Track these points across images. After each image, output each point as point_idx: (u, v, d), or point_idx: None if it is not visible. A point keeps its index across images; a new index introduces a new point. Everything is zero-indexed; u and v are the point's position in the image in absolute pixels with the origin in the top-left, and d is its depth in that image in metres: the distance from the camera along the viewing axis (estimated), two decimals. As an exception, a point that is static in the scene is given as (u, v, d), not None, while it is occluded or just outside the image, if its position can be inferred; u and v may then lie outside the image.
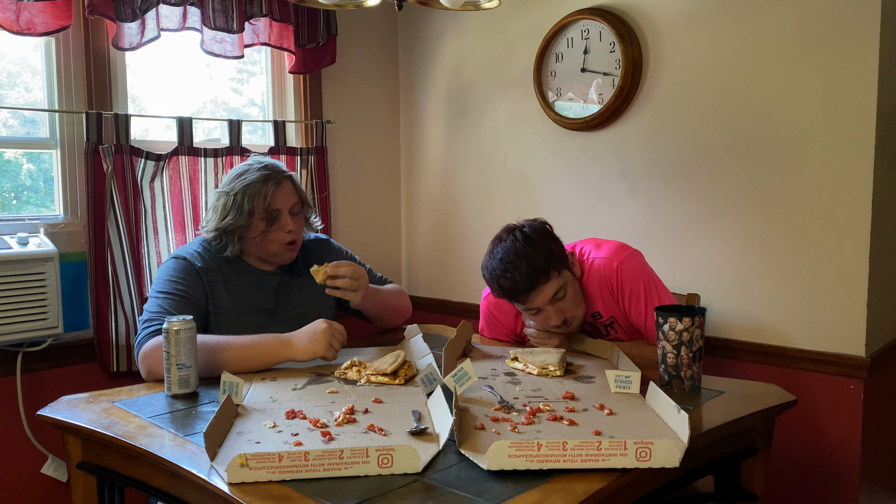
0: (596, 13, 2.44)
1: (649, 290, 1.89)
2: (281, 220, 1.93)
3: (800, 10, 2.09)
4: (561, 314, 1.85)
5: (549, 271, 1.81)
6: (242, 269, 1.98)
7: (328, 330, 1.76)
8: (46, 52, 2.23)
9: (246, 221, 1.90)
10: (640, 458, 1.17)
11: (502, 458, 1.16)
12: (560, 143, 2.64)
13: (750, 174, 2.21)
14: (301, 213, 2.01)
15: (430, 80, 3.04)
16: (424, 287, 3.15)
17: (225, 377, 1.49)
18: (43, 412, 1.53)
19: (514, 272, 1.80)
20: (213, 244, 1.95)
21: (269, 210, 1.91)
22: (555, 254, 1.84)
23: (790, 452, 2.18)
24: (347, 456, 1.15)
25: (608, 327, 1.98)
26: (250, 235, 1.93)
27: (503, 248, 1.84)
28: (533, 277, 1.80)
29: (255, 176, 1.91)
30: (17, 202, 2.30)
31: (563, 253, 1.88)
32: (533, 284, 1.80)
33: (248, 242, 1.95)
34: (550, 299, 1.83)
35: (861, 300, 2.04)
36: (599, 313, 1.96)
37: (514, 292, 1.83)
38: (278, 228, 1.93)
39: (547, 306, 1.84)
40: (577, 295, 1.89)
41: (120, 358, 2.29)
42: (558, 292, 1.83)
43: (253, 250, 1.97)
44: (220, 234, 1.93)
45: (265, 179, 1.91)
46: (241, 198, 1.89)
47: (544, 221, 1.91)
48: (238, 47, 2.47)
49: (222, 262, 1.95)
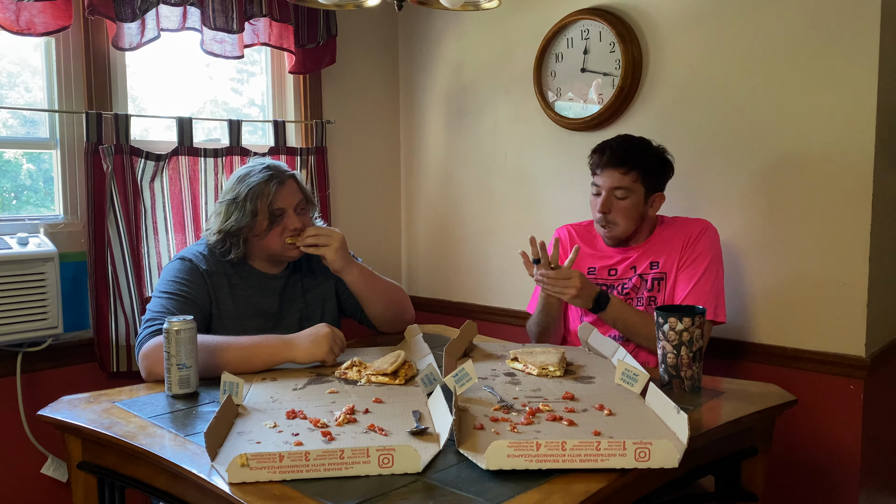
0: (596, 13, 2.45)
1: (714, 263, 2.00)
2: (285, 220, 1.92)
3: (800, 10, 2.09)
4: (609, 206, 2.02)
5: (636, 171, 1.99)
6: (247, 272, 1.98)
7: (330, 334, 1.76)
8: (46, 52, 2.23)
9: (249, 222, 1.90)
10: (639, 459, 1.17)
11: (501, 458, 1.16)
12: (560, 143, 2.64)
13: (750, 174, 2.21)
14: (307, 211, 2.00)
15: (430, 80, 3.04)
16: (424, 287, 3.15)
17: (225, 377, 1.49)
18: (43, 412, 1.53)
19: (619, 145, 2.02)
20: (216, 248, 1.94)
21: (272, 210, 1.90)
22: (654, 170, 2.03)
23: (790, 452, 2.18)
24: (348, 456, 1.15)
25: (656, 281, 2.04)
26: (253, 236, 1.92)
27: (635, 136, 2.07)
28: (623, 158, 1.99)
29: (258, 177, 1.91)
30: (17, 202, 2.30)
31: (660, 181, 2.06)
32: (616, 162, 1.99)
33: (253, 244, 1.95)
34: (613, 188, 2.00)
35: (861, 300, 2.04)
36: (658, 263, 2.05)
37: (601, 154, 2.03)
38: (281, 228, 1.93)
39: (605, 191, 2.02)
40: (632, 212, 2.03)
41: (120, 358, 2.29)
42: (621, 190, 2.00)
43: (258, 252, 1.97)
44: (223, 236, 1.92)
45: (268, 179, 1.91)
46: (245, 199, 1.89)
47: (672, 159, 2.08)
48: (238, 47, 2.47)
49: (227, 265, 1.95)
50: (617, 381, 1.58)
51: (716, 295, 1.98)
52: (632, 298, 2.06)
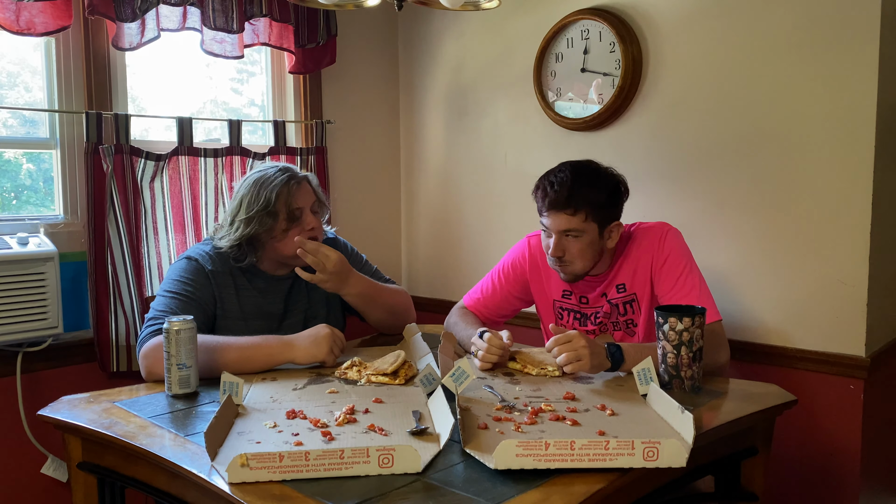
0: (596, 13, 2.45)
1: (689, 265, 1.86)
2: (304, 219, 1.91)
3: (800, 10, 2.09)
4: (561, 250, 1.85)
5: (583, 211, 1.81)
6: (254, 274, 1.97)
7: (330, 335, 1.76)
8: (46, 52, 2.23)
9: (271, 223, 1.87)
10: (647, 458, 1.17)
11: (510, 458, 1.16)
12: (560, 143, 2.64)
13: (750, 174, 2.21)
14: (321, 212, 2.00)
15: (430, 80, 3.04)
16: (424, 287, 3.15)
17: (225, 377, 1.49)
18: (43, 412, 1.53)
19: (560, 185, 1.82)
20: (230, 251, 1.91)
21: (290, 209, 1.89)
22: (603, 204, 1.84)
23: (790, 452, 2.18)
24: (348, 456, 1.15)
25: (627, 305, 1.94)
26: (271, 238, 1.90)
27: (573, 162, 1.89)
28: (567, 200, 1.81)
29: (277, 178, 1.89)
30: (17, 202, 2.30)
31: (610, 213, 1.87)
32: (560, 205, 1.82)
33: (268, 248, 1.92)
34: (562, 231, 1.84)
35: (861, 300, 2.04)
36: (624, 286, 1.93)
37: (544, 195, 1.86)
38: (300, 228, 1.91)
39: (556, 234, 1.85)
40: (588, 251, 1.86)
41: (120, 358, 2.29)
42: (572, 232, 1.83)
43: (271, 255, 1.94)
44: (240, 240, 1.89)
45: (287, 180, 1.90)
46: (262, 198, 1.87)
47: (623, 180, 1.91)
48: (238, 47, 2.47)
49: (235, 268, 1.94)
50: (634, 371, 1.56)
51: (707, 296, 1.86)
52: (606, 326, 1.98)
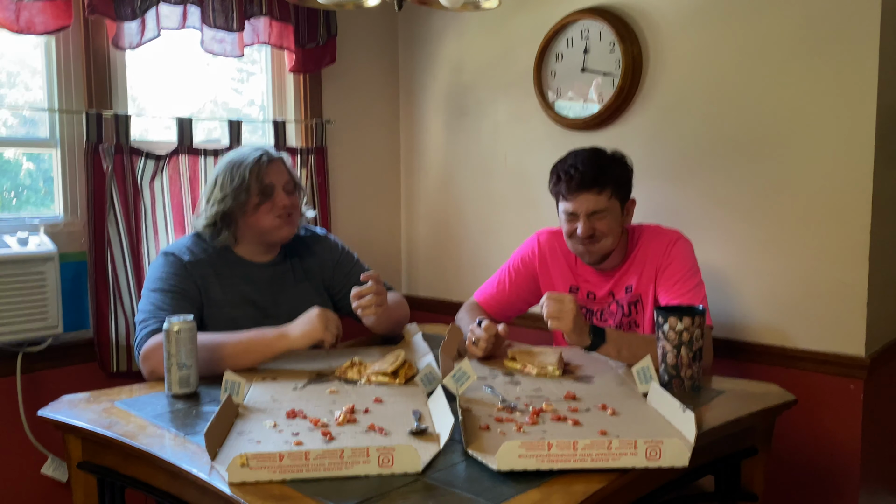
0: (596, 13, 2.44)
1: (691, 271, 1.90)
2: (275, 196, 1.92)
3: (800, 10, 2.09)
4: (591, 230, 1.89)
5: (609, 188, 1.88)
6: (233, 261, 1.97)
7: (322, 314, 1.75)
8: (46, 52, 2.23)
9: (244, 198, 1.89)
10: (650, 458, 1.17)
11: (513, 459, 1.16)
12: (560, 143, 2.63)
13: (750, 174, 2.21)
14: (295, 194, 1.99)
15: (430, 80, 3.03)
16: (424, 287, 3.15)
17: (227, 376, 1.49)
18: (43, 412, 1.52)
19: (587, 165, 1.87)
20: (206, 231, 1.94)
21: (262, 184, 1.90)
22: (623, 180, 1.93)
23: (790, 452, 2.18)
24: (348, 456, 1.15)
25: (632, 306, 1.97)
26: (244, 214, 1.92)
27: (589, 148, 1.94)
28: (595, 179, 1.86)
29: (250, 156, 1.92)
30: (17, 202, 2.30)
31: (628, 190, 1.96)
32: (588, 184, 1.86)
33: (243, 225, 1.94)
34: (590, 212, 1.88)
35: (861, 300, 2.04)
36: (631, 287, 1.96)
37: (569, 179, 1.88)
38: (272, 204, 1.92)
39: (584, 217, 1.88)
40: (615, 228, 1.92)
41: (120, 358, 2.29)
42: (599, 212, 1.88)
43: (248, 235, 1.96)
44: (214, 219, 1.92)
45: (259, 156, 1.92)
46: (236, 175, 1.90)
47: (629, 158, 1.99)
48: (238, 47, 2.47)
49: (213, 254, 1.94)
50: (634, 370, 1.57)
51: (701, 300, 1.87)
52: (611, 325, 1.99)
